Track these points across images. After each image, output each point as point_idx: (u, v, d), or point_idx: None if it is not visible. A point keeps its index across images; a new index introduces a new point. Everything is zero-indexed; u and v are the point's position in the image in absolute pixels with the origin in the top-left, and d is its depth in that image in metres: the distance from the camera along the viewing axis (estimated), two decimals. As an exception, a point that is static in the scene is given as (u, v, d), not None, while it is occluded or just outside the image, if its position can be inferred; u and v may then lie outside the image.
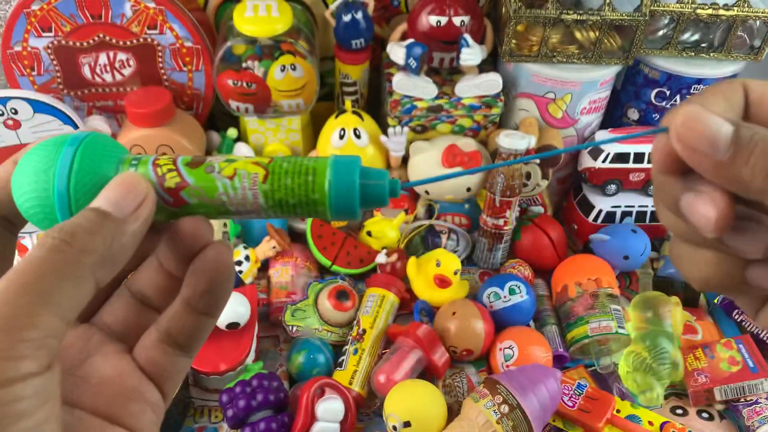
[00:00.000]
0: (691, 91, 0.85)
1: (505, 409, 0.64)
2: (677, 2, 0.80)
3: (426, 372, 0.75)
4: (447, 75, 0.87)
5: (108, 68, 0.82)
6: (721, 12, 0.80)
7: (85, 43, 0.79)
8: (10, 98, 0.76)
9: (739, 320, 0.81)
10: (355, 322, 0.78)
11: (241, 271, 0.81)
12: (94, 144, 0.24)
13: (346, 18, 0.82)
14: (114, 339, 0.27)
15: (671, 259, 0.27)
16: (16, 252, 0.29)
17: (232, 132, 0.88)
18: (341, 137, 0.83)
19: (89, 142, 0.24)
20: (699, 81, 0.84)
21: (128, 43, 0.80)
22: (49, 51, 0.79)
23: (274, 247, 0.82)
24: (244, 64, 0.81)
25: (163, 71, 0.83)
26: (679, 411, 0.74)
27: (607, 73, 0.83)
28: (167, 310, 0.27)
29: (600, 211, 0.87)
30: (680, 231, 0.26)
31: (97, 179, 0.24)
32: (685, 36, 0.85)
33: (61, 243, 0.22)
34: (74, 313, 0.22)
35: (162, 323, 0.27)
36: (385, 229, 0.85)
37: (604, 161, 0.84)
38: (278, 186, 0.25)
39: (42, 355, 0.21)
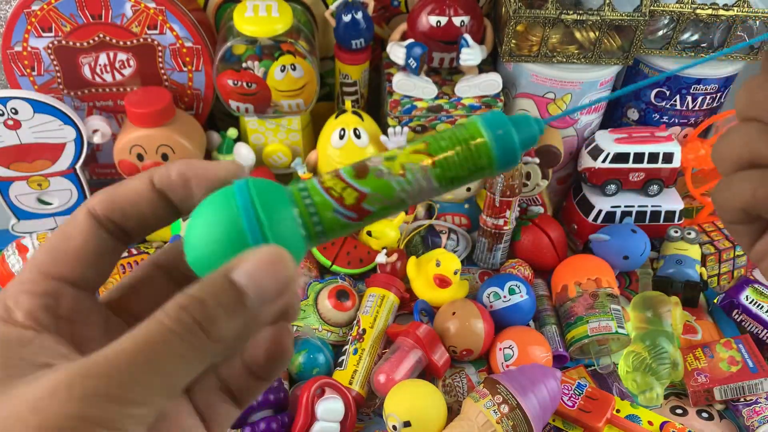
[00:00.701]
0: (691, 91, 0.85)
1: (504, 408, 0.64)
2: (677, 2, 0.80)
3: (426, 372, 0.75)
4: (447, 75, 0.87)
5: (108, 68, 0.82)
6: (721, 12, 0.80)
7: (85, 43, 0.80)
8: (10, 98, 0.77)
9: (738, 320, 0.81)
10: (355, 321, 0.78)
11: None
12: (261, 185, 0.24)
13: (346, 18, 0.82)
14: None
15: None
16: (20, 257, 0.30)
17: (232, 132, 0.88)
18: (341, 137, 0.83)
19: (254, 184, 0.24)
20: (698, 81, 0.84)
21: (128, 43, 0.80)
22: (50, 51, 0.79)
23: (274, 247, 0.82)
24: (244, 64, 0.81)
25: (163, 71, 0.83)
26: (679, 411, 0.74)
27: (606, 74, 0.83)
28: (229, 363, 0.26)
29: (600, 211, 0.87)
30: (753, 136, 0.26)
31: (280, 213, 0.23)
32: (685, 36, 0.85)
33: (196, 325, 0.21)
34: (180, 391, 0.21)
35: (222, 374, 0.26)
36: (385, 229, 0.85)
37: (603, 161, 0.84)
38: (447, 166, 0.25)
39: (139, 430, 0.20)
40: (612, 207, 0.86)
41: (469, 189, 0.85)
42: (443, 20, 0.80)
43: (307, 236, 0.24)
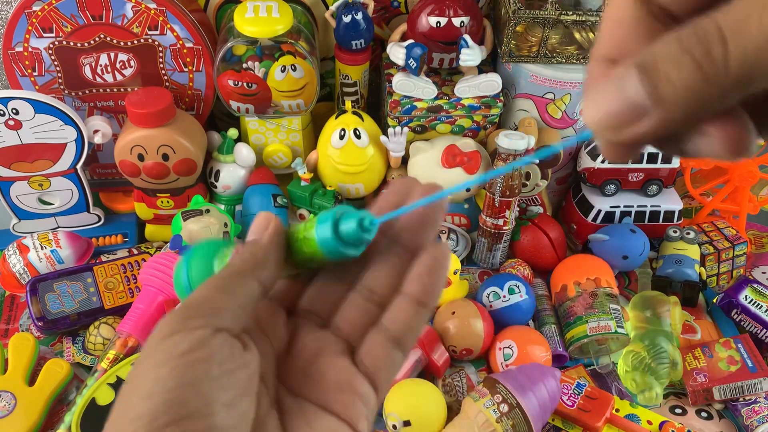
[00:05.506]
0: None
1: (504, 408, 0.65)
2: (676, 3, 0.80)
3: (426, 371, 0.75)
4: (447, 75, 0.87)
5: (109, 69, 0.82)
6: (720, 13, 0.80)
7: (86, 44, 0.80)
8: (11, 98, 0.77)
9: (738, 320, 0.81)
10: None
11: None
12: (198, 252, 0.33)
13: (346, 19, 0.82)
14: (340, 338, 0.31)
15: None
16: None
17: (232, 132, 0.88)
18: (341, 137, 0.83)
19: (195, 250, 0.33)
20: (698, 81, 0.84)
21: (129, 43, 0.80)
22: (50, 51, 0.80)
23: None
24: (244, 65, 0.82)
25: (163, 72, 0.83)
26: (678, 410, 0.74)
27: (606, 74, 0.83)
28: (390, 308, 0.30)
29: (599, 211, 0.87)
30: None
31: (205, 272, 0.32)
32: (684, 37, 0.85)
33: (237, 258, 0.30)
34: (248, 298, 0.29)
35: (385, 321, 0.30)
36: (385, 229, 0.85)
37: (603, 161, 0.84)
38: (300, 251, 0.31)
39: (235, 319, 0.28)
40: (611, 207, 0.87)
41: (468, 189, 0.86)
42: (443, 21, 0.81)
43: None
